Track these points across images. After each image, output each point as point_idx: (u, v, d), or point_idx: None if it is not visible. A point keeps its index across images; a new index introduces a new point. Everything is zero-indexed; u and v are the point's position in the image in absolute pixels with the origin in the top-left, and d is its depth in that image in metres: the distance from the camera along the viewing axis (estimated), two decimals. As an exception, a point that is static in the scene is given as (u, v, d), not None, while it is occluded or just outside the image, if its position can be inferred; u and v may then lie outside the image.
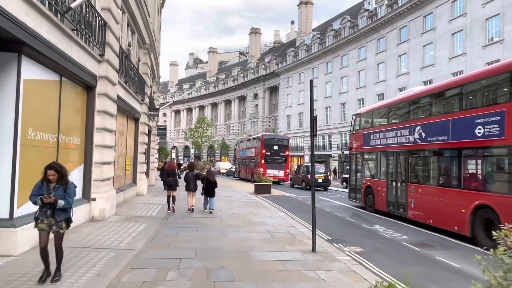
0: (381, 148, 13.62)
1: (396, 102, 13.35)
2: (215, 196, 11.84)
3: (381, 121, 14.47)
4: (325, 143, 49.00)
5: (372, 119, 14.99)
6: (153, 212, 11.19)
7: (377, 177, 14.09)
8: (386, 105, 14.10)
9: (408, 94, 12.68)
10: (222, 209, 12.02)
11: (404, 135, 12.05)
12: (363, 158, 15.25)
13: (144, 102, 16.49)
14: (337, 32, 48.56)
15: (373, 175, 14.56)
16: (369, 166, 15.15)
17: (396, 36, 38.13)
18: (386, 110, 13.91)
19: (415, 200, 11.30)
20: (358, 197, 15.49)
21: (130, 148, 14.42)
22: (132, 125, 15.08)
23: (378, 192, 13.67)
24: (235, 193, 18.97)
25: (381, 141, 13.64)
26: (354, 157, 16.17)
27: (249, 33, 77.74)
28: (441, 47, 32.23)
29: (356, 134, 15.98)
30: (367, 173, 15.09)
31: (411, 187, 11.55)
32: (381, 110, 14.55)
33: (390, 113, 13.58)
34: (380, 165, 14.09)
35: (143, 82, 16.31)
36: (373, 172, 14.66)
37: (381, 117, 14.53)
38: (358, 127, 16.09)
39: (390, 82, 37.61)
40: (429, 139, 10.72)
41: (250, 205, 13.78)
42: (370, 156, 14.88)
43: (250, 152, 33.09)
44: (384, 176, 13.56)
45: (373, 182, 14.20)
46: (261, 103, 66.13)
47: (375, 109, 15.02)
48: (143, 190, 15.50)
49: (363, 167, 15.27)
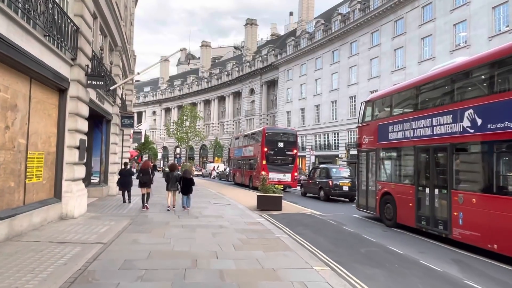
0: (406, 143, 10.75)
1: (430, 80, 10.34)
2: (192, 193, 13.20)
3: (404, 107, 11.62)
4: (331, 142, 46.12)
5: (390, 106, 12.11)
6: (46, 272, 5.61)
7: (400, 181, 11.23)
8: (413, 85, 11.12)
9: (451, 66, 9.66)
10: (203, 257, 6.66)
11: (444, 124, 9.19)
12: (377, 157, 12.38)
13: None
14: (344, 17, 45.74)
15: (393, 178, 11.71)
16: (387, 166, 12.30)
17: (418, 15, 35.19)
18: (412, 92, 10.97)
19: (465, 215, 8.41)
20: (370, 207, 12.64)
21: (43, 137, 9.39)
22: (47, 97, 9.63)
23: (401, 201, 10.81)
24: (228, 208, 13.98)
25: (405, 134, 10.77)
26: (364, 155, 13.30)
27: (245, 24, 74.98)
28: (478, 25, 29.32)
29: (367, 126, 13.12)
30: (383, 176, 12.24)
31: (458, 195, 8.65)
32: (404, 93, 11.61)
33: (419, 95, 10.66)
34: (404, 165, 11.23)
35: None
36: (393, 175, 11.82)
37: (404, 102, 11.67)
38: (370, 118, 13.25)
39: (411, 69, 34.56)
40: (490, 126, 7.83)
41: (255, 241, 8.29)
42: (389, 153, 12.02)
43: (247, 151, 28.60)
44: (410, 180, 10.69)
45: (393, 188, 11.33)
46: (258, 99, 63.43)
47: (395, 92, 12.06)
48: (72, 210, 10.47)
49: (378, 168, 12.39)
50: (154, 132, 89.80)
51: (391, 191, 11.37)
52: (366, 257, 7.75)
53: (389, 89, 12.81)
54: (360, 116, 13.64)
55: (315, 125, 48.74)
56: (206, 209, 13.53)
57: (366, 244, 9.00)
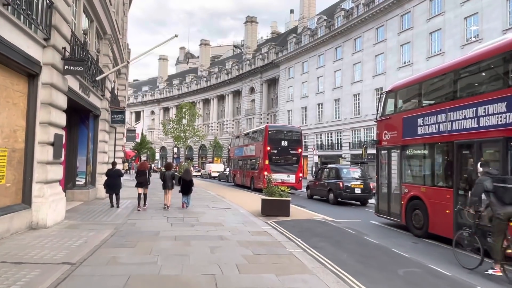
0: (441, 138, 9.03)
1: (475, 61, 8.46)
2: (192, 193, 13.64)
3: (438, 96, 9.89)
4: (334, 142, 44.40)
5: (419, 95, 10.36)
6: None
7: (433, 183, 9.47)
8: (451, 68, 9.26)
9: (504, 43, 7.79)
10: (198, 286, 5.08)
11: (496, 114, 7.46)
12: (402, 155, 10.63)
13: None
14: (348, 12, 44.04)
15: (423, 180, 9.97)
16: (414, 166, 10.56)
17: (426, 9, 33.52)
18: (450, 77, 9.17)
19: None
20: (393, 213, 10.89)
21: (5, 131, 7.72)
22: (11, 82, 7.99)
23: (435, 207, 9.08)
24: (228, 214, 12.32)
25: (440, 127, 9.04)
26: (385, 154, 11.56)
27: (245, 22, 73.29)
28: (490, 17, 27.65)
29: (389, 120, 11.39)
30: (410, 177, 10.51)
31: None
32: (438, 79, 9.82)
33: (459, 81, 8.88)
34: (438, 164, 9.50)
35: None
36: (423, 176, 10.08)
37: (438, 90, 9.94)
38: (393, 110, 11.52)
39: (419, 65, 32.80)
40: None
41: (264, 259, 6.64)
42: (417, 151, 10.28)
43: (249, 150, 26.50)
44: (447, 182, 8.96)
45: (424, 192, 9.59)
46: (258, 98, 61.72)
47: (427, 79, 10.23)
48: (44, 218, 8.71)
49: (403, 168, 10.65)
50: (152, 132, 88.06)
51: (421, 195, 9.63)
52: (408, 283, 6.02)
53: (417, 76, 10.94)
54: (380, 108, 11.88)
55: (317, 124, 47.03)
56: (204, 215, 11.82)
57: (401, 263, 7.26)
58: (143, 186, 12.63)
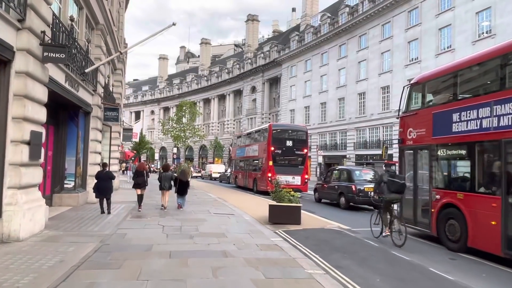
0: (485, 136, 7.66)
1: None
2: (187, 194, 13.76)
3: (479, 87, 8.53)
4: (338, 142, 43.01)
5: (455, 86, 8.96)
6: None
7: (473, 189, 8.07)
8: (496, 54, 7.80)
9: None
10: None
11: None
12: (432, 156, 9.26)
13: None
14: (353, 9, 42.67)
15: (460, 185, 8.61)
16: (448, 169, 9.19)
17: (435, 4, 32.12)
18: (495, 64, 7.76)
19: None
20: (421, 222, 9.51)
21: None
22: None
23: (476, 218, 7.71)
24: (232, 221, 10.95)
25: (482, 123, 7.65)
26: (411, 155, 10.19)
27: (246, 20, 71.88)
28: (504, 11, 26.26)
29: (415, 116, 10.01)
30: (443, 182, 9.13)
31: None
32: (479, 68, 8.44)
33: (507, 67, 7.43)
34: (480, 167, 8.12)
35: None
36: (460, 180, 8.73)
37: (479, 79, 8.59)
38: (420, 105, 10.18)
39: (427, 62, 31.42)
40: None
41: (279, 284, 5.36)
42: (452, 151, 8.88)
43: (251, 151, 25.00)
44: (492, 188, 7.58)
45: (461, 199, 8.19)
46: (259, 97, 60.36)
47: (464, 67, 8.82)
48: (17, 230, 7.32)
49: (434, 171, 9.27)
50: (152, 132, 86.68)
51: (457, 202, 8.24)
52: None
53: (452, 64, 9.45)
54: (403, 103, 10.49)
55: (320, 124, 45.64)
56: (204, 223, 10.45)
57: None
58: (141, 187, 12.58)
